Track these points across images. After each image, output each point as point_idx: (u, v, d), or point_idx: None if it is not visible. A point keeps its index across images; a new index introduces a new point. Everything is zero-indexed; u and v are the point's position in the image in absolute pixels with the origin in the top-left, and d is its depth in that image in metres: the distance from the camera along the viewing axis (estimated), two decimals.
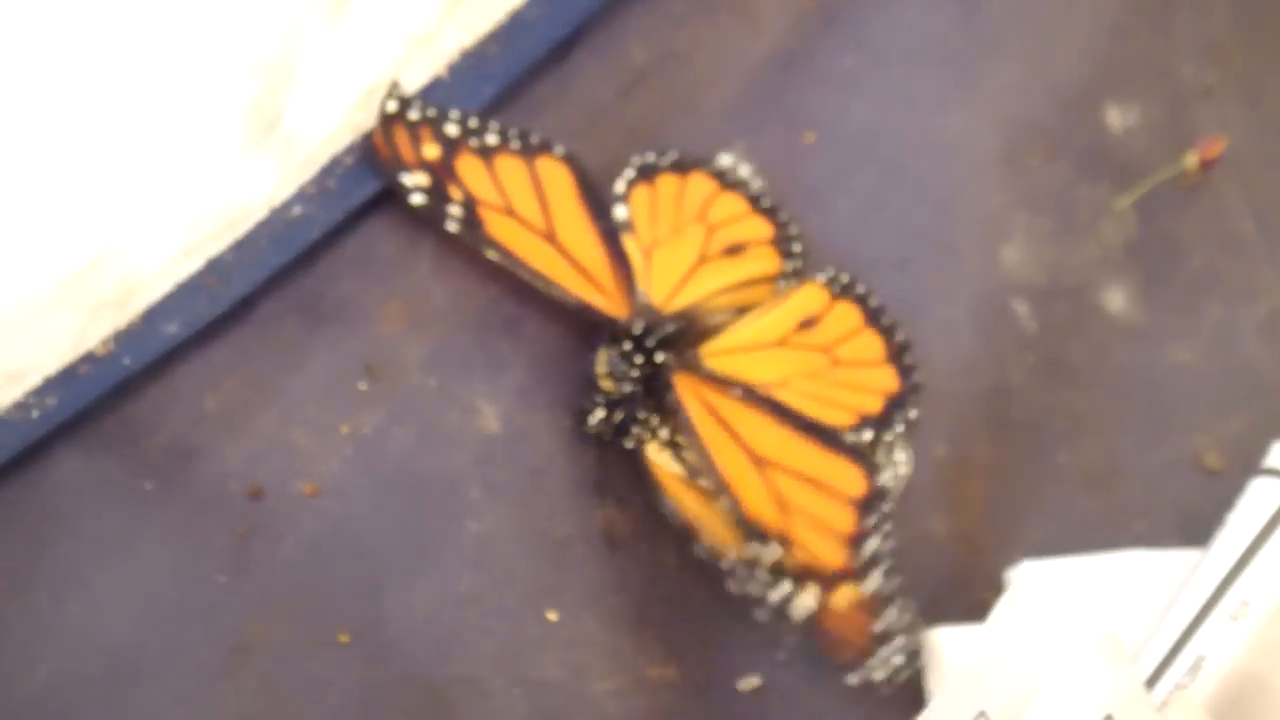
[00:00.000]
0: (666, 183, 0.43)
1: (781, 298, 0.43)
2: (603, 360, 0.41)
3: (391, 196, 0.42)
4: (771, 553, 0.38)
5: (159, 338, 0.40)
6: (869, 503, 0.39)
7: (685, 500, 0.40)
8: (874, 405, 0.42)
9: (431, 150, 0.42)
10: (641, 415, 0.40)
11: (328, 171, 0.42)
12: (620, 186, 0.43)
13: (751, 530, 0.39)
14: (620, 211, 0.43)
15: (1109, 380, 0.44)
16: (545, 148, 0.42)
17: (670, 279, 0.42)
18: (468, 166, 0.42)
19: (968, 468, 0.42)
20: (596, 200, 0.42)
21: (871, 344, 0.42)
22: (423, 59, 0.43)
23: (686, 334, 0.41)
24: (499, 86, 0.43)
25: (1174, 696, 0.38)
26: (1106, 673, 0.37)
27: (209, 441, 0.40)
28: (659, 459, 0.41)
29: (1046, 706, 0.37)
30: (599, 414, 0.40)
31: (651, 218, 0.42)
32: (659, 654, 0.40)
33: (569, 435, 0.42)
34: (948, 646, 0.40)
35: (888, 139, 0.45)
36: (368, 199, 0.42)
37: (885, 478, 0.39)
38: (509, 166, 0.42)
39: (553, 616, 0.40)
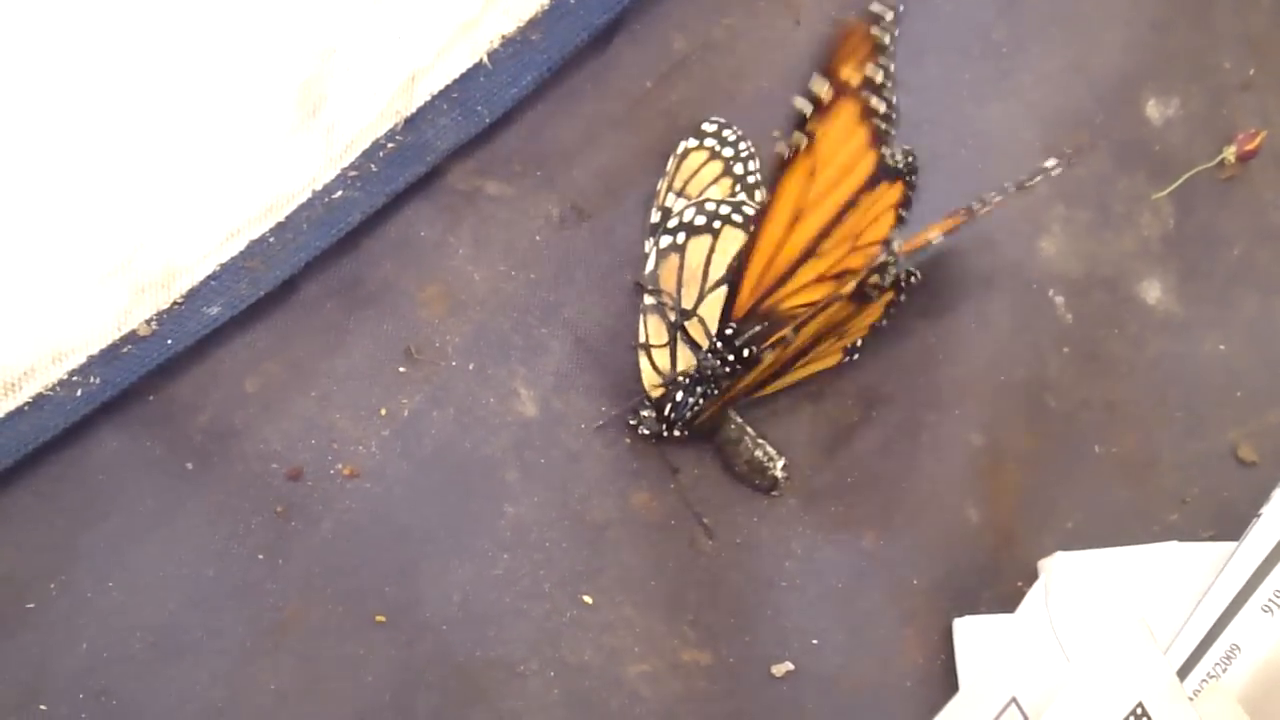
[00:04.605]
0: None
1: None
2: (652, 378, 0.42)
3: (432, 180, 0.43)
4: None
5: (201, 319, 0.40)
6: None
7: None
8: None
9: (858, 75, 0.39)
10: (699, 400, 0.41)
11: (369, 155, 0.42)
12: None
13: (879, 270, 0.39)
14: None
15: (1145, 372, 0.44)
16: (910, 167, 0.41)
17: None
18: (847, 112, 0.39)
19: (1002, 457, 0.42)
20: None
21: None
22: (465, 45, 0.43)
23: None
24: (540, 72, 0.43)
25: (1206, 686, 0.38)
26: (1138, 662, 0.37)
27: (249, 422, 0.41)
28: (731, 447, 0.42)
29: (1077, 694, 0.37)
30: (651, 413, 0.41)
31: None
32: (693, 638, 0.40)
33: (606, 420, 0.42)
34: (980, 634, 0.40)
35: (926, 129, 0.45)
36: (409, 183, 0.42)
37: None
38: (856, 139, 0.40)
39: (588, 600, 0.40)
